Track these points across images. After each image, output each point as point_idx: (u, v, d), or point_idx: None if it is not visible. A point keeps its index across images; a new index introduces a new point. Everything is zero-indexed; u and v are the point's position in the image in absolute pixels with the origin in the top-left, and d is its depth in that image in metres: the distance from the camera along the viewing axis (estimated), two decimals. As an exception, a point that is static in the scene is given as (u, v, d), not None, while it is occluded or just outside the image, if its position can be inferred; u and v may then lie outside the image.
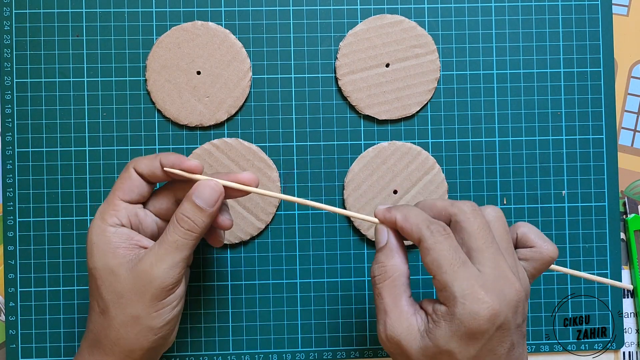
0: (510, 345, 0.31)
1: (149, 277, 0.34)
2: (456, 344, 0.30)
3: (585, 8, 0.48)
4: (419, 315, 0.32)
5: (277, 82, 0.47)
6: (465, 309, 0.30)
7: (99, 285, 0.34)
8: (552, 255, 0.34)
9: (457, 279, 0.30)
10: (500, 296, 0.30)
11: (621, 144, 0.48)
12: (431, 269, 0.31)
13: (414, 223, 0.33)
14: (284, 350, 0.47)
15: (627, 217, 0.48)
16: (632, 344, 0.48)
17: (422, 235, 0.32)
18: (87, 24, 0.46)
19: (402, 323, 0.32)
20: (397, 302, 0.32)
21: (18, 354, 0.46)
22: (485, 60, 0.47)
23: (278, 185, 0.46)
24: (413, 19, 0.47)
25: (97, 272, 0.34)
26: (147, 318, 0.34)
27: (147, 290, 0.34)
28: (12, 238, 0.46)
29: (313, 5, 0.47)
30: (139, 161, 0.36)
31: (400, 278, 0.33)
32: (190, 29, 0.46)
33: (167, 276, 0.34)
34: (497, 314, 0.30)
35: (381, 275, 0.33)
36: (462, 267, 0.31)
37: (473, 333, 0.30)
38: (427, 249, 0.31)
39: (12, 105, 0.46)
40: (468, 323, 0.30)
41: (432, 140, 0.47)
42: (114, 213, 0.35)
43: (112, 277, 0.34)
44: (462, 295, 0.30)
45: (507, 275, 0.31)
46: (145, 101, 0.47)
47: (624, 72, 0.48)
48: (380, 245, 0.34)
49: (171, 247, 0.34)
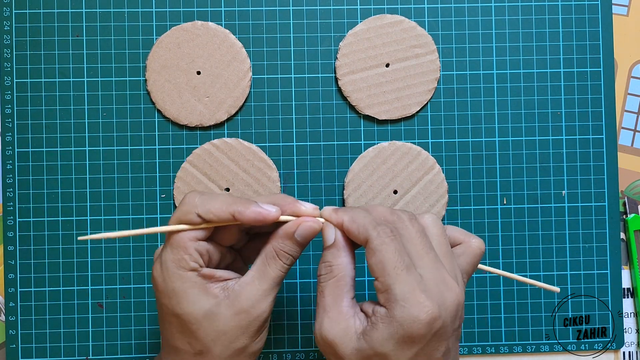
0: (446, 349, 0.31)
1: (253, 312, 0.33)
2: (392, 347, 0.30)
3: (585, 8, 0.48)
4: (357, 317, 0.32)
5: (277, 82, 0.47)
6: (404, 312, 0.30)
7: (194, 329, 0.33)
8: (481, 246, 0.36)
9: (399, 282, 0.30)
10: (440, 301, 0.30)
11: (621, 144, 0.48)
12: (375, 271, 0.31)
13: (361, 224, 0.32)
14: (284, 350, 0.47)
15: (627, 217, 0.48)
16: (632, 344, 0.48)
17: (369, 236, 0.32)
18: (87, 24, 0.46)
19: (339, 323, 0.32)
20: (338, 302, 0.32)
21: (18, 354, 0.46)
22: (485, 60, 0.47)
23: (278, 185, 0.46)
24: (413, 19, 0.47)
25: (189, 317, 0.33)
26: (250, 347, 0.34)
27: (251, 325, 0.33)
28: (12, 238, 0.46)
29: (313, 5, 0.47)
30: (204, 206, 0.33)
31: (344, 278, 0.33)
32: (190, 29, 0.46)
33: (269, 309, 0.34)
34: (436, 319, 0.30)
35: (327, 275, 0.33)
36: (405, 271, 0.31)
37: (411, 337, 0.30)
38: (372, 250, 0.31)
39: (12, 105, 0.46)
40: (407, 326, 0.30)
41: (432, 140, 0.47)
42: (188, 257, 0.33)
43: (212, 318, 0.33)
44: (403, 298, 0.30)
45: (446, 279, 0.31)
46: (145, 101, 0.47)
47: (624, 72, 0.48)
48: (327, 244, 0.34)
49: (274, 283, 0.34)
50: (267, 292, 0.34)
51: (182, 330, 0.34)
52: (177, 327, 0.34)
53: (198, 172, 0.46)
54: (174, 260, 0.33)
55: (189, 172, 0.46)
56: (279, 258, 0.34)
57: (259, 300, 0.33)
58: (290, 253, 0.34)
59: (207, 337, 0.33)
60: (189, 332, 0.33)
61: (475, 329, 0.47)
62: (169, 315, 0.34)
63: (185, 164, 0.46)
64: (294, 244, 0.34)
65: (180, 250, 0.33)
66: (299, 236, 0.34)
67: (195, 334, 0.33)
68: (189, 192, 0.35)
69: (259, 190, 0.46)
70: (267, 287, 0.34)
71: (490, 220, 0.47)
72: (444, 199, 0.46)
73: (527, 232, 0.47)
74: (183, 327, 0.33)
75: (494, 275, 0.47)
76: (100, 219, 0.46)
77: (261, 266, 0.34)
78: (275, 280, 0.34)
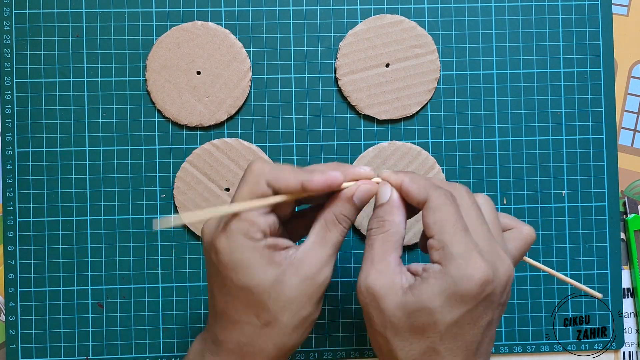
0: (490, 320, 0.31)
1: (318, 279, 0.33)
2: (440, 303, 0.30)
3: (585, 8, 0.48)
4: (404, 274, 0.32)
5: (277, 82, 0.47)
6: (460, 270, 0.30)
7: (264, 300, 0.32)
8: (532, 233, 0.35)
9: (457, 241, 0.30)
10: (493, 267, 0.30)
11: (621, 144, 0.48)
12: (432, 229, 0.31)
13: (422, 185, 0.33)
14: (284, 350, 0.47)
15: (627, 217, 0.48)
16: (632, 344, 0.48)
17: (430, 195, 0.32)
18: (87, 24, 0.46)
19: (386, 276, 0.32)
20: (387, 256, 0.32)
21: (18, 354, 0.46)
22: (485, 60, 0.47)
23: (278, 185, 0.46)
24: (413, 19, 0.47)
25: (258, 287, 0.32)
26: (314, 314, 0.34)
27: (316, 292, 0.33)
28: (12, 238, 0.46)
29: (313, 5, 0.47)
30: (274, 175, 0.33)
31: (395, 235, 0.33)
32: (190, 29, 0.46)
33: (330, 275, 0.34)
34: (489, 282, 0.30)
35: (378, 229, 0.33)
36: (464, 232, 0.31)
37: (462, 295, 0.30)
38: (432, 208, 0.32)
39: (12, 105, 0.46)
40: (460, 284, 0.30)
41: (432, 140, 0.47)
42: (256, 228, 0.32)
43: (279, 287, 0.32)
44: (460, 255, 0.30)
45: (499, 252, 0.31)
46: (145, 101, 0.47)
47: (624, 72, 0.48)
48: (381, 201, 0.34)
49: (335, 247, 0.34)
50: (329, 258, 0.33)
51: (248, 303, 0.33)
52: (243, 300, 0.33)
53: (198, 172, 0.46)
54: (242, 231, 0.32)
55: (189, 172, 0.46)
56: (339, 222, 0.34)
57: (323, 266, 0.33)
58: (349, 216, 0.34)
59: (275, 307, 0.32)
60: (257, 303, 0.33)
61: (475, 329, 0.47)
62: (235, 289, 0.33)
63: (185, 164, 0.46)
64: (352, 207, 0.34)
65: (249, 220, 0.32)
66: (357, 199, 0.34)
67: (264, 304, 0.32)
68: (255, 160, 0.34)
69: (259, 190, 0.46)
70: (329, 252, 0.33)
71: (490, 220, 0.47)
72: (444, 199, 0.46)
73: (527, 232, 0.47)
74: (250, 299, 0.33)
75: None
76: (100, 219, 0.46)
77: (321, 232, 0.34)
78: (335, 245, 0.34)
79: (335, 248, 0.34)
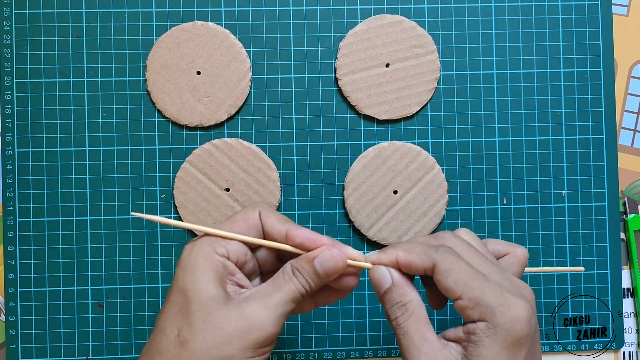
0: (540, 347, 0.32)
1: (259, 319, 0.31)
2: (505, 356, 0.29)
3: (585, 8, 0.48)
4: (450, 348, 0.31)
5: (277, 82, 0.47)
6: (506, 317, 0.29)
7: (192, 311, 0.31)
8: (526, 253, 0.35)
9: (487, 291, 0.30)
10: (524, 298, 0.30)
11: (621, 144, 0.48)
12: (455, 290, 0.30)
13: (421, 252, 0.32)
14: (284, 350, 0.47)
15: (627, 217, 0.48)
16: (632, 344, 0.48)
17: (436, 260, 0.31)
18: (87, 24, 0.46)
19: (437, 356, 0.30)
20: (428, 336, 0.31)
21: (18, 354, 0.46)
22: (485, 60, 0.47)
23: (278, 185, 0.46)
24: (413, 19, 0.47)
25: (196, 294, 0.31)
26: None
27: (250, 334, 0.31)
28: (12, 238, 0.46)
29: (313, 5, 0.47)
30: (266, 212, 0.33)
31: (422, 312, 0.32)
32: (190, 29, 0.46)
33: (274, 326, 0.31)
34: (533, 313, 0.30)
35: (404, 315, 0.32)
36: (485, 280, 0.30)
37: (519, 339, 0.29)
38: (446, 271, 0.30)
39: (12, 105, 0.46)
40: (513, 329, 0.29)
41: (432, 140, 0.47)
42: (225, 245, 0.32)
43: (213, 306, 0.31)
44: (498, 304, 0.29)
45: (512, 279, 0.31)
46: (145, 101, 0.47)
47: (624, 72, 0.48)
48: (385, 288, 0.32)
49: (283, 299, 0.32)
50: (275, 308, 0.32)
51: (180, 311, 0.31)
52: (177, 305, 0.31)
53: (198, 172, 0.46)
54: (210, 241, 0.32)
55: (189, 172, 0.46)
56: (294, 275, 0.32)
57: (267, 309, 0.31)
58: (306, 277, 0.32)
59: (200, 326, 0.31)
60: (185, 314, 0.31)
61: (475, 329, 0.47)
62: (175, 291, 0.32)
63: (185, 164, 0.46)
64: (312, 270, 0.32)
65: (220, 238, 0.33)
66: (319, 264, 0.32)
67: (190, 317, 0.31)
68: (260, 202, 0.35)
69: (259, 190, 0.46)
70: (276, 302, 0.32)
71: (490, 220, 0.47)
72: (444, 199, 0.46)
73: (527, 232, 0.47)
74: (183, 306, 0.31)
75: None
76: (100, 219, 0.46)
77: (276, 280, 0.33)
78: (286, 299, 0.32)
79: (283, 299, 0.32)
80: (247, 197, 0.46)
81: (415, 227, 0.46)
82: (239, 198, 0.46)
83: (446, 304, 0.35)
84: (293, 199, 0.47)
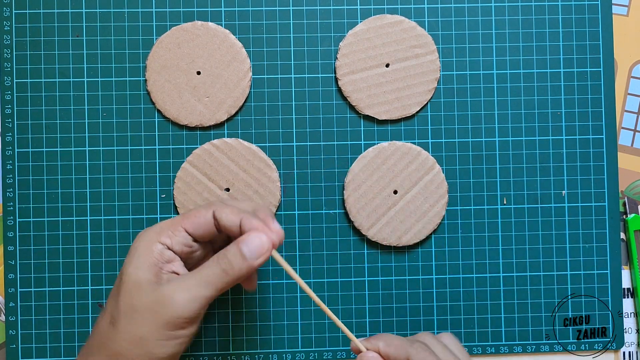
0: None
1: (168, 300, 0.33)
2: None
3: (585, 8, 0.48)
4: None
5: (277, 82, 0.47)
6: None
7: (121, 292, 0.34)
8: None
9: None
10: None
11: (621, 144, 0.48)
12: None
13: (398, 345, 0.36)
14: (284, 350, 0.47)
15: (627, 217, 0.48)
16: (632, 344, 0.48)
17: (409, 353, 0.35)
18: (87, 24, 0.46)
19: None
20: None
21: (18, 354, 0.46)
22: (485, 60, 0.47)
23: (278, 185, 0.46)
24: (413, 19, 0.47)
25: (126, 277, 0.34)
26: (152, 343, 0.33)
27: (162, 314, 0.33)
28: (12, 238, 0.46)
29: (313, 5, 0.47)
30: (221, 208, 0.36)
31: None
32: (190, 29, 0.46)
33: (186, 307, 0.33)
34: None
35: None
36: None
37: None
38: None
39: (12, 105, 0.46)
40: None
41: (432, 140, 0.47)
42: (171, 235, 0.35)
43: (136, 290, 0.33)
44: None
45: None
46: (145, 101, 0.47)
47: (624, 72, 0.48)
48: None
49: (202, 280, 0.34)
50: (191, 287, 0.33)
51: (114, 291, 0.35)
52: (116, 286, 0.35)
53: (198, 172, 0.46)
54: (158, 229, 0.35)
55: (189, 172, 0.46)
56: (218, 259, 0.34)
57: (178, 291, 0.33)
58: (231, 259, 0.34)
59: (123, 307, 0.33)
60: (116, 293, 0.34)
61: (476, 329, 0.47)
62: (120, 274, 0.35)
63: (185, 164, 0.46)
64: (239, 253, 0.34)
65: (172, 227, 0.35)
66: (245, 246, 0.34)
67: (118, 297, 0.34)
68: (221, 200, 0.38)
69: (259, 190, 0.46)
70: (194, 282, 0.33)
71: (490, 220, 0.47)
72: (444, 199, 0.46)
73: (527, 232, 0.47)
74: (116, 287, 0.35)
75: (494, 275, 0.47)
76: (100, 219, 0.46)
77: (203, 265, 0.34)
78: (204, 279, 0.34)
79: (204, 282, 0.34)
80: (247, 197, 0.46)
81: (415, 227, 0.46)
82: (239, 198, 0.46)
83: None
84: (293, 199, 0.47)
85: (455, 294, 0.47)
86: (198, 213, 0.36)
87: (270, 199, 0.46)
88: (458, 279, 0.47)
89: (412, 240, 0.46)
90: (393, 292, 0.47)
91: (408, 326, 0.47)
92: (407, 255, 0.47)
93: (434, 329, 0.47)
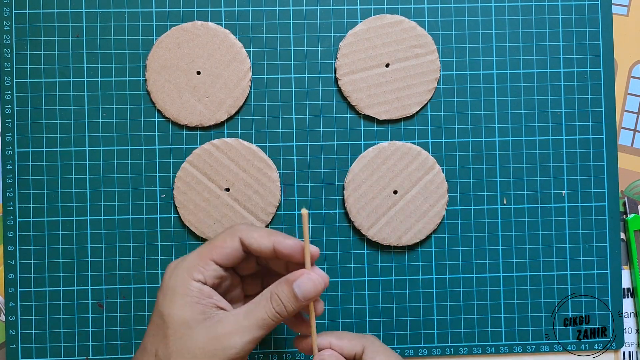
0: None
1: (226, 343, 0.33)
2: None
3: (585, 8, 0.48)
4: None
5: (277, 82, 0.47)
6: None
7: (168, 334, 0.33)
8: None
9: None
10: None
11: (621, 144, 0.48)
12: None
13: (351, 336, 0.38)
14: (285, 350, 0.47)
15: (627, 217, 0.48)
16: (632, 344, 0.48)
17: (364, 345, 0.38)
18: (87, 24, 0.46)
19: None
20: None
21: (18, 354, 0.46)
22: (485, 60, 0.47)
23: (278, 185, 0.46)
24: (413, 19, 0.47)
25: (171, 319, 0.34)
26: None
27: (219, 356, 0.33)
28: (12, 238, 0.46)
29: (313, 5, 0.47)
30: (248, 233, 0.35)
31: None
32: (190, 29, 0.46)
33: (243, 349, 0.34)
34: None
35: None
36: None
37: None
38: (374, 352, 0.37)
39: (12, 105, 0.46)
40: None
41: (432, 140, 0.47)
42: (202, 270, 0.35)
43: (185, 330, 0.33)
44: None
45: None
46: (145, 101, 0.47)
47: (624, 72, 0.48)
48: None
49: (257, 323, 0.34)
50: (246, 330, 0.34)
51: (157, 332, 0.34)
52: (155, 326, 0.34)
53: (198, 172, 0.46)
54: (189, 266, 0.35)
55: (189, 172, 0.46)
56: (270, 300, 0.34)
57: (235, 334, 0.33)
58: (283, 302, 0.34)
59: (174, 347, 0.33)
60: (162, 336, 0.34)
61: (475, 329, 0.47)
62: (156, 313, 0.35)
63: (185, 164, 0.46)
64: (291, 294, 0.34)
65: (201, 261, 0.35)
66: (298, 288, 0.34)
67: (166, 339, 0.34)
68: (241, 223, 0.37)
69: (259, 190, 0.46)
70: (248, 324, 0.34)
71: (490, 220, 0.47)
72: (444, 199, 0.46)
73: (527, 232, 0.47)
74: (159, 328, 0.34)
75: (494, 275, 0.47)
76: (100, 219, 0.46)
77: (252, 303, 0.35)
78: (259, 322, 0.34)
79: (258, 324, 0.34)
80: (247, 197, 0.46)
81: (415, 227, 0.46)
82: (239, 198, 0.46)
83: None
84: (293, 199, 0.47)
85: (455, 294, 0.47)
86: (224, 243, 0.35)
87: (270, 199, 0.46)
88: (458, 279, 0.47)
89: (412, 240, 0.46)
90: (393, 292, 0.47)
91: (408, 326, 0.47)
92: (407, 255, 0.47)
93: (434, 329, 0.47)
